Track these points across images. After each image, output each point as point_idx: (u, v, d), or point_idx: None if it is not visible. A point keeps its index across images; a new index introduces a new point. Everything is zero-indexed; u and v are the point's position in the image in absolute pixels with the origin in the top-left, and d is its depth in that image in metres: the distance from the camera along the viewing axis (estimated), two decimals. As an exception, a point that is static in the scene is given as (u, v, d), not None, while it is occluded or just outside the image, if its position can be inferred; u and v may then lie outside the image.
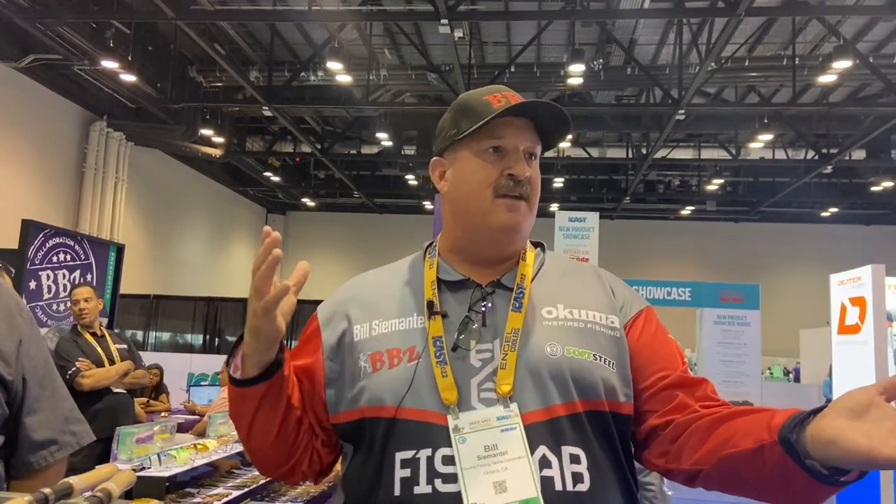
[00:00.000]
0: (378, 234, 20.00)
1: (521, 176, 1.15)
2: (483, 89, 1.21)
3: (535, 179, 1.20)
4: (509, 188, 1.15)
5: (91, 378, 4.25)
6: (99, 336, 4.57)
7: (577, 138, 14.47)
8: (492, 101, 1.16)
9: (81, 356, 4.33)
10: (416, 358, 1.08)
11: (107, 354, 4.47)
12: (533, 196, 1.19)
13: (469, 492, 0.98)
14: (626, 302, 1.20)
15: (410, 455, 1.03)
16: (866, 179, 15.61)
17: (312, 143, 14.02)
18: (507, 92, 1.19)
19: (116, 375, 4.38)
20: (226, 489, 3.34)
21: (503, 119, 1.15)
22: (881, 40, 11.00)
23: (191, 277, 15.98)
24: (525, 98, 1.18)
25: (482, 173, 1.15)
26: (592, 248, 10.46)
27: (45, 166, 11.07)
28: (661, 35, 11.29)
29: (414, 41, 11.10)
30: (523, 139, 1.17)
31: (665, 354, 1.15)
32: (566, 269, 1.26)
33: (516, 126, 1.17)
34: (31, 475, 1.28)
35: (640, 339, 1.15)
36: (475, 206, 1.16)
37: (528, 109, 1.16)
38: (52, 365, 1.38)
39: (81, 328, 4.54)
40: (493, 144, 1.16)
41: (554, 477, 1.00)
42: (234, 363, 1.09)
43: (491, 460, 0.99)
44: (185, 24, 8.95)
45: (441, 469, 1.00)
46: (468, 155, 1.18)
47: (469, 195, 1.17)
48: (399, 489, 1.01)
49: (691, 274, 17.75)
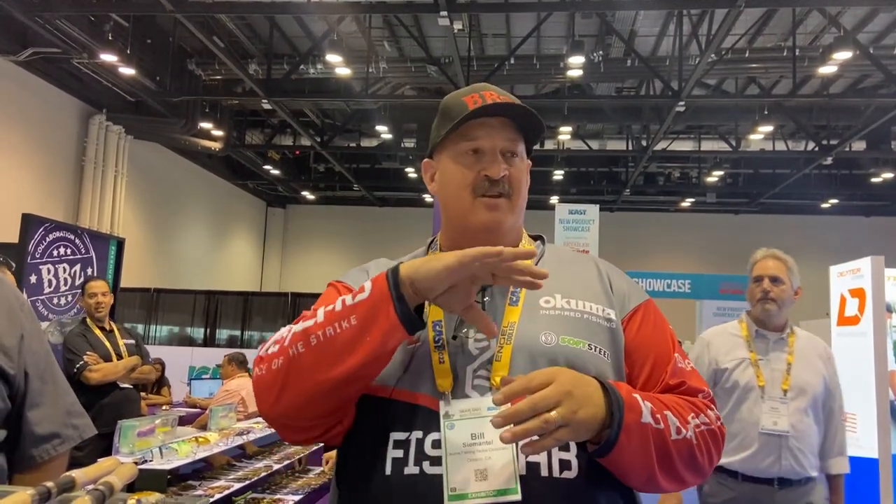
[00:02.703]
0: (378, 227, 19.99)
1: (496, 176, 1.15)
2: (464, 90, 1.23)
3: (517, 176, 1.19)
4: (486, 188, 1.16)
5: (99, 372, 4.24)
6: (108, 331, 4.56)
7: (577, 130, 14.45)
8: (468, 102, 1.17)
9: (90, 350, 4.32)
10: (415, 342, 1.10)
11: (115, 349, 4.47)
12: (514, 193, 1.19)
13: (451, 476, 1.00)
14: (624, 295, 1.21)
15: (404, 436, 1.05)
16: (866, 171, 15.60)
17: (312, 136, 14.00)
18: (487, 91, 1.19)
19: (124, 370, 4.38)
20: (227, 482, 3.36)
21: (479, 120, 1.16)
22: (881, 31, 10.96)
23: (191, 271, 15.99)
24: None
25: (460, 176, 1.18)
26: (593, 241, 10.48)
27: (45, 160, 11.06)
28: (661, 26, 11.26)
29: (413, 33, 11.06)
30: (499, 139, 1.18)
31: (660, 349, 1.16)
32: (565, 260, 1.27)
33: (492, 126, 1.18)
34: (34, 469, 1.28)
35: (638, 336, 1.16)
36: (457, 208, 1.19)
37: (498, 110, 1.17)
38: (53, 359, 1.39)
39: (91, 322, 4.52)
40: (470, 147, 1.17)
41: (541, 463, 1.01)
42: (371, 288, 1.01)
43: (476, 448, 1.01)
44: (184, 16, 8.93)
45: (430, 452, 1.03)
46: (449, 158, 1.20)
47: (451, 197, 1.20)
48: (390, 469, 1.04)
49: (691, 266, 17.76)
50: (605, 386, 1.00)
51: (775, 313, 2.69)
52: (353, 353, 0.99)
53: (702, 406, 1.11)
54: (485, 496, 0.98)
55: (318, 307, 1.09)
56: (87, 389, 4.11)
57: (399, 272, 1.00)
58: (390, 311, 0.98)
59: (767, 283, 2.71)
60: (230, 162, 16.79)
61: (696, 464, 1.07)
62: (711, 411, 1.11)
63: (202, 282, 15.42)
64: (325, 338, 1.00)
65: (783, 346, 2.69)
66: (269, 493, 3.58)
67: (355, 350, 0.99)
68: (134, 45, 10.03)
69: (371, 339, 0.98)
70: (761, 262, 2.81)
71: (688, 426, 1.06)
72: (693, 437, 1.05)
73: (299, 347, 1.02)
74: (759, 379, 2.63)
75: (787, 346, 2.69)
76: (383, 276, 1.01)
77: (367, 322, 0.99)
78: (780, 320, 2.72)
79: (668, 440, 1.02)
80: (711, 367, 2.72)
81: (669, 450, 1.03)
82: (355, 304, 1.00)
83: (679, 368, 1.15)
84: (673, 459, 1.03)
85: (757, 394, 2.61)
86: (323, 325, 1.01)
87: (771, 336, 2.71)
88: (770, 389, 2.61)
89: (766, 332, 2.72)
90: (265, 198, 20.52)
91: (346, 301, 1.02)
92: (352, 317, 1.00)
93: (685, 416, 1.07)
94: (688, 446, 1.05)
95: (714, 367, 2.72)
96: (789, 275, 2.74)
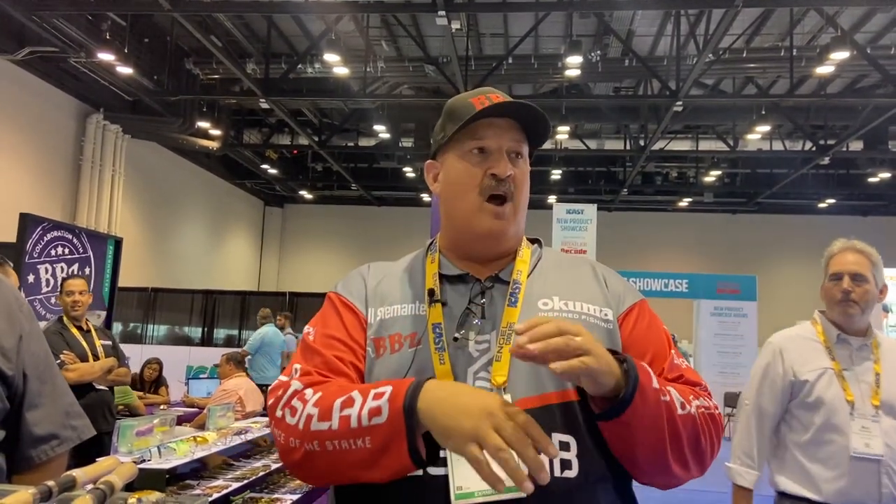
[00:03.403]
0: (376, 226, 19.99)
1: (503, 175, 1.17)
2: (470, 92, 1.25)
3: (521, 178, 1.21)
4: (492, 187, 1.17)
5: (75, 372, 4.16)
6: (85, 331, 4.49)
7: (575, 130, 14.46)
8: (475, 103, 1.20)
9: (66, 349, 4.25)
10: (416, 344, 1.12)
11: (91, 350, 4.40)
12: (518, 194, 1.20)
13: (456, 476, 1.01)
14: (619, 294, 1.23)
15: None
16: (863, 170, 15.62)
17: (310, 135, 14.00)
18: (492, 93, 1.22)
19: (101, 371, 4.31)
20: (225, 481, 3.36)
21: (486, 120, 1.19)
22: (879, 31, 10.99)
23: (189, 270, 15.98)
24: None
25: (467, 175, 1.19)
26: (590, 240, 10.49)
27: (42, 159, 11.05)
28: (659, 26, 11.27)
29: (411, 33, 11.06)
30: (506, 139, 1.20)
31: (656, 347, 1.18)
32: (562, 263, 1.29)
33: (499, 126, 1.19)
34: (33, 469, 1.29)
35: (633, 333, 1.18)
36: (462, 209, 1.20)
37: (508, 109, 1.19)
38: (52, 360, 1.39)
39: (68, 321, 4.45)
40: (476, 146, 1.19)
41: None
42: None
43: None
44: (182, 15, 8.92)
45: None
46: (454, 157, 1.22)
47: (456, 196, 1.21)
48: None
49: (689, 265, 17.76)
50: (614, 352, 1.02)
51: (858, 317, 2.30)
52: (369, 469, 1.01)
53: (701, 393, 1.13)
54: (491, 493, 0.98)
55: (317, 340, 1.15)
56: None
57: (417, 412, 0.96)
58: (403, 449, 0.97)
59: (848, 281, 2.30)
60: (228, 161, 16.78)
61: (700, 448, 1.07)
62: (709, 400, 1.13)
63: (200, 281, 15.41)
64: (340, 449, 1.01)
65: (867, 353, 2.32)
66: (267, 492, 3.58)
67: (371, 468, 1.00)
68: (131, 45, 10.02)
69: (386, 465, 0.99)
70: (839, 255, 2.39)
71: (691, 404, 1.07)
72: (696, 416, 1.07)
73: (315, 446, 1.03)
74: (846, 393, 2.25)
75: (871, 354, 2.31)
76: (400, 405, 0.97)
77: (381, 450, 0.99)
78: (863, 324, 2.33)
79: (675, 413, 1.04)
80: (787, 378, 2.34)
81: (677, 423, 1.04)
82: (371, 427, 0.99)
83: (676, 364, 1.17)
84: (681, 435, 1.04)
85: (846, 411, 2.22)
86: (338, 436, 1.01)
87: (854, 342, 2.32)
88: (860, 405, 2.23)
89: (849, 336, 2.33)
90: (263, 197, 20.50)
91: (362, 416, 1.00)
92: (367, 438, 0.99)
93: (686, 396, 1.09)
94: (692, 423, 1.06)
95: (791, 379, 2.33)
96: (874, 271, 2.33)
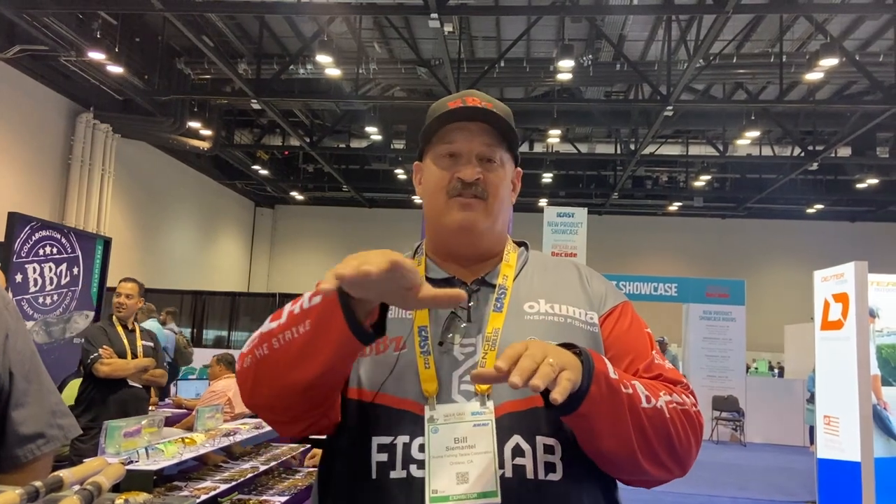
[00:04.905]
0: (366, 228, 19.98)
1: (469, 179, 1.16)
2: (451, 95, 1.25)
3: (494, 181, 1.19)
4: (458, 190, 1.17)
5: (108, 366, 4.44)
6: (129, 330, 4.77)
7: (566, 133, 14.51)
8: (451, 107, 1.20)
9: (107, 344, 4.52)
10: (401, 347, 1.12)
11: (131, 348, 4.66)
12: (490, 197, 1.19)
13: (433, 479, 1.02)
14: (602, 296, 1.23)
15: (388, 441, 1.06)
16: (852, 176, 15.77)
17: (301, 136, 13.98)
18: (470, 97, 1.21)
19: (134, 369, 4.56)
20: (213, 482, 3.34)
21: (458, 124, 1.19)
22: (867, 38, 11.09)
23: (178, 271, 15.91)
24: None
25: (436, 178, 1.20)
26: (580, 243, 10.53)
27: (31, 158, 10.98)
28: (650, 31, 11.33)
29: (403, 35, 11.07)
30: (476, 143, 1.19)
31: (637, 348, 1.18)
32: (548, 266, 1.29)
33: (469, 131, 1.19)
34: (19, 469, 1.28)
35: (613, 333, 1.19)
36: (435, 209, 1.21)
37: (474, 114, 1.18)
38: (38, 359, 1.38)
39: (115, 319, 4.76)
40: (447, 150, 1.19)
41: (526, 465, 1.03)
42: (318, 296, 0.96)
43: (458, 452, 1.03)
44: (173, 15, 8.90)
45: (417, 456, 1.04)
46: (430, 160, 1.23)
47: (430, 198, 1.22)
48: (375, 473, 1.05)
49: (678, 269, 17.87)
50: (566, 344, 1.01)
51: None
52: (310, 359, 0.98)
53: (677, 390, 1.11)
54: (465, 499, 1.00)
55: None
56: (98, 381, 4.39)
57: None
58: (340, 319, 0.94)
59: None
60: (218, 162, 16.72)
61: (673, 445, 1.06)
62: (688, 397, 1.11)
63: (189, 282, 15.35)
64: (284, 342, 1.00)
65: None
66: (255, 493, 3.56)
67: (311, 357, 0.98)
68: (122, 44, 9.98)
69: (326, 346, 0.97)
70: None
71: (658, 398, 1.05)
72: (665, 411, 1.05)
73: (264, 349, 1.03)
74: None
75: None
76: (335, 286, 0.93)
77: (320, 328, 0.97)
78: None
79: (639, 406, 1.02)
80: None
81: (641, 416, 1.02)
82: (310, 308, 0.98)
83: (656, 364, 1.17)
84: (646, 429, 1.03)
85: None
86: (283, 329, 1.01)
87: None
88: None
89: None
90: (254, 198, 20.45)
91: (304, 303, 1.00)
92: (307, 321, 0.98)
93: (655, 391, 1.07)
94: (660, 418, 1.04)
95: None
96: None
